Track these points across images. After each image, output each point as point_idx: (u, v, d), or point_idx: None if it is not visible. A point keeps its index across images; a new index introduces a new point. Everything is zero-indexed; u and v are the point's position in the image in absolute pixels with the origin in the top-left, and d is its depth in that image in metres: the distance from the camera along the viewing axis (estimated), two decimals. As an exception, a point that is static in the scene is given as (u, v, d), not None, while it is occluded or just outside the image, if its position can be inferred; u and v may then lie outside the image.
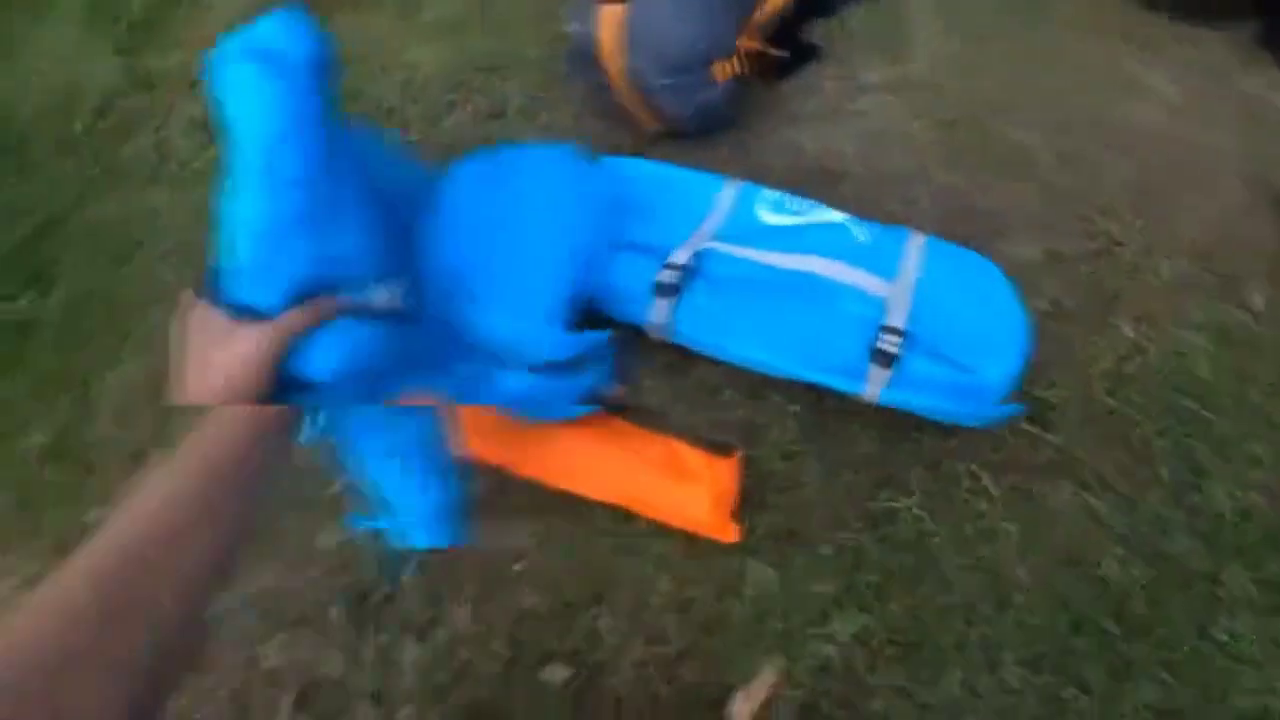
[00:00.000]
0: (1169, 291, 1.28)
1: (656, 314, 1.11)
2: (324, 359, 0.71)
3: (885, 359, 1.05)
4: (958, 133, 1.42)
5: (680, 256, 1.12)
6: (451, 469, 0.94)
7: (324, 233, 0.74)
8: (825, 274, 1.11)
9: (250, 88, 0.70)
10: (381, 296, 0.78)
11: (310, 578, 1.12)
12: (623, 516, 1.11)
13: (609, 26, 1.26)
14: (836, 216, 1.18)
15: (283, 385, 0.69)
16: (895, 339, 1.05)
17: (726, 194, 1.21)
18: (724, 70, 1.30)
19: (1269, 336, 1.25)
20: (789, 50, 1.42)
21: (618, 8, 1.25)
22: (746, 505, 1.10)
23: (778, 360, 1.09)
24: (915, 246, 1.15)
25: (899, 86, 1.48)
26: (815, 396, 1.16)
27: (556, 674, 1.05)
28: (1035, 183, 1.37)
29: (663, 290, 1.10)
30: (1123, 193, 1.36)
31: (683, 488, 1.07)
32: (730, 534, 1.08)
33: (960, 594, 1.09)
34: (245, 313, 0.69)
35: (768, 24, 1.39)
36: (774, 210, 1.19)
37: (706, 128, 1.38)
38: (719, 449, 1.13)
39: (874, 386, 1.07)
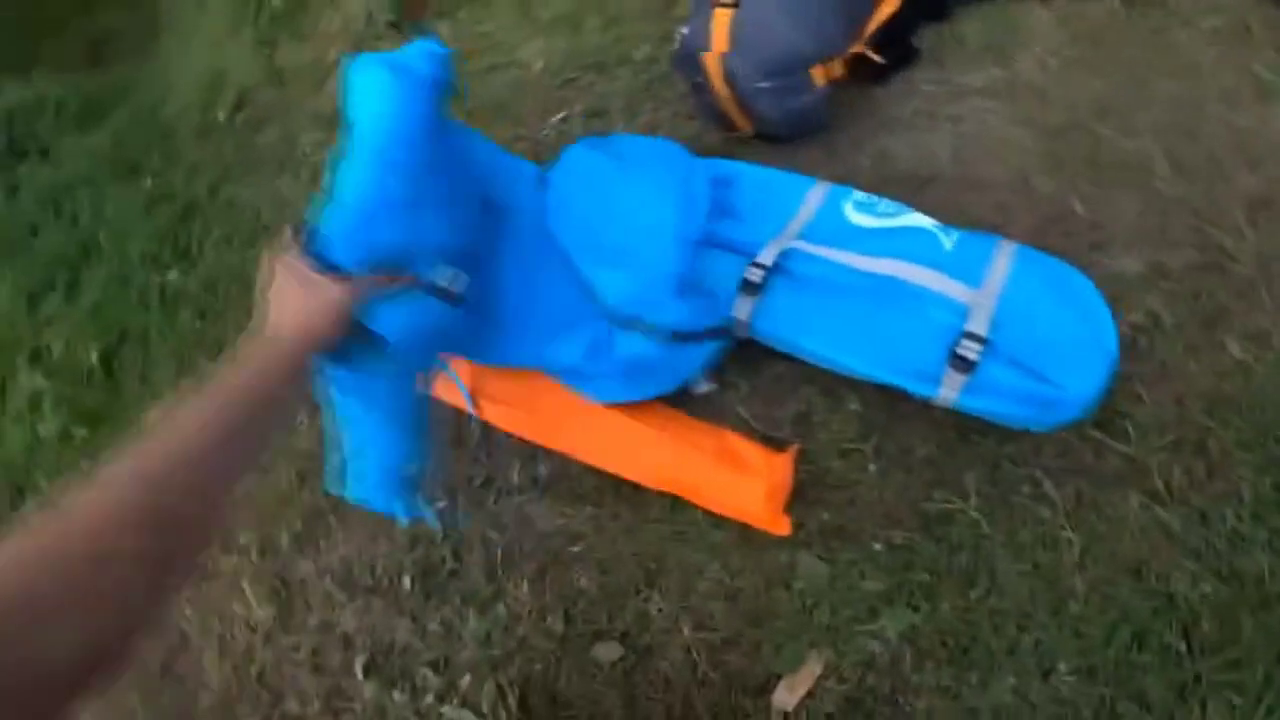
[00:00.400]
0: None
1: (740, 310, 1.15)
2: (392, 321, 0.84)
3: (964, 365, 1.05)
4: (1064, 140, 1.38)
5: (767, 256, 1.15)
6: (418, 445, 1.02)
7: (412, 218, 0.88)
8: (908, 278, 1.12)
9: (379, 89, 0.87)
10: (445, 277, 0.90)
11: (384, 550, 1.21)
12: (677, 505, 1.14)
13: (720, 26, 1.29)
14: (925, 221, 1.18)
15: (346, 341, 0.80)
16: (976, 345, 1.05)
17: (815, 194, 1.23)
18: (825, 74, 1.32)
19: None
20: (891, 54, 1.43)
21: (729, 9, 1.28)
22: (799, 499, 1.12)
23: (854, 360, 1.12)
24: (1004, 254, 1.14)
25: (1002, 92, 1.45)
26: (879, 395, 1.17)
27: (608, 652, 1.10)
28: (1145, 192, 1.31)
29: (748, 288, 1.14)
30: (1242, 206, 1.28)
31: (738, 479, 1.10)
32: (782, 527, 1.10)
33: (1014, 599, 1.07)
34: (329, 269, 0.81)
35: (878, 29, 1.40)
36: (862, 211, 1.21)
37: (799, 132, 1.41)
38: (776, 443, 1.16)
39: (950, 391, 1.07)
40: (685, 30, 1.35)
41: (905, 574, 1.09)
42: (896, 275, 1.12)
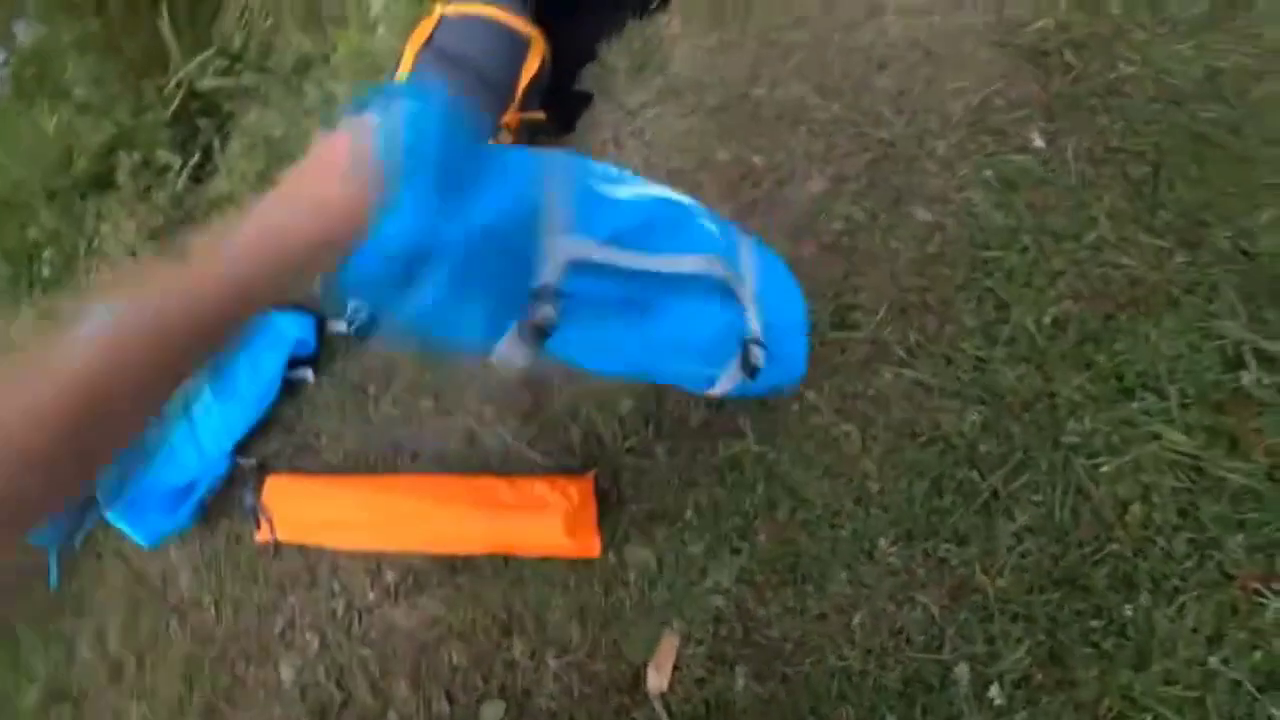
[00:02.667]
0: (950, 166, 1.35)
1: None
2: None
3: (750, 370, 1.06)
4: (727, 113, 1.54)
5: (549, 275, 0.98)
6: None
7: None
8: (695, 271, 1.08)
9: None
10: None
11: (279, 714, 1.28)
12: (508, 558, 1.23)
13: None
14: (670, 191, 1.14)
15: None
16: (759, 350, 1.07)
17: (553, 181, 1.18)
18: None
19: (1056, 164, 1.30)
20: (556, 107, 1.60)
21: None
22: (608, 505, 1.21)
23: (643, 371, 1.11)
24: (745, 246, 1.16)
25: (667, 95, 1.62)
26: (646, 389, 1.28)
27: (493, 712, 1.15)
28: (806, 124, 1.47)
29: (532, 331, 0.99)
30: (886, 102, 1.45)
31: (540, 520, 1.18)
32: (592, 550, 1.18)
33: (819, 504, 1.15)
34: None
35: (530, 95, 1.55)
36: (612, 183, 1.13)
37: None
38: (572, 471, 1.25)
39: (725, 385, 1.10)
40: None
41: (718, 525, 1.17)
42: (682, 271, 1.08)
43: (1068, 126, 1.31)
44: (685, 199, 1.12)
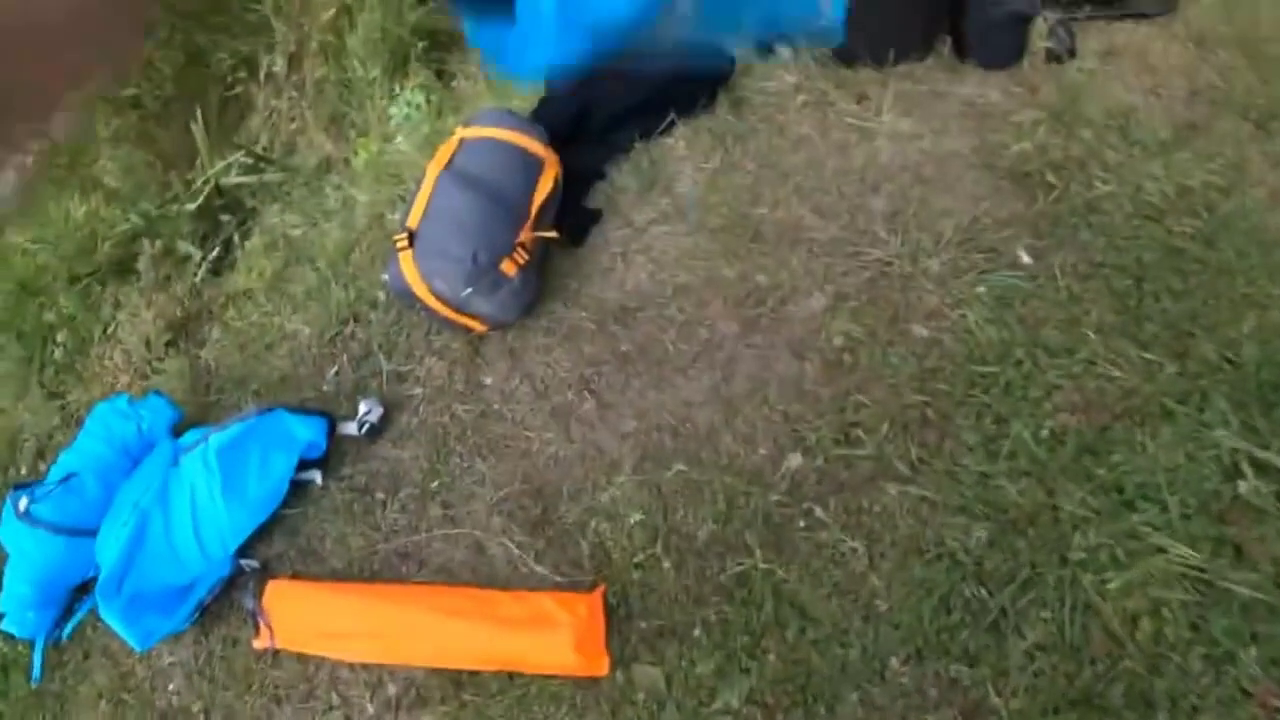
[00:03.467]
0: (944, 283, 1.40)
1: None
2: None
3: None
4: (730, 233, 1.60)
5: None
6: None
7: None
8: None
9: None
10: None
11: None
12: (515, 674, 1.21)
13: (407, 266, 1.52)
14: None
15: None
16: None
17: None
18: (512, 265, 1.53)
19: (1045, 280, 1.36)
20: (568, 223, 1.68)
21: (408, 251, 1.53)
22: (616, 621, 1.20)
23: None
24: None
25: (672, 214, 1.68)
26: (654, 500, 1.30)
27: (502, 843, 1.12)
28: (805, 244, 1.54)
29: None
30: (880, 221, 1.52)
31: (548, 638, 1.17)
32: (600, 668, 1.18)
33: (828, 622, 1.15)
34: None
35: (543, 212, 1.63)
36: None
37: (516, 312, 1.59)
38: (582, 586, 1.25)
39: None
40: (386, 276, 1.59)
41: (727, 644, 1.16)
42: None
43: (1053, 243, 1.38)
44: None
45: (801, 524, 1.23)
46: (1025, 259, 1.39)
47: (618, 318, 1.56)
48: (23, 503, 1.50)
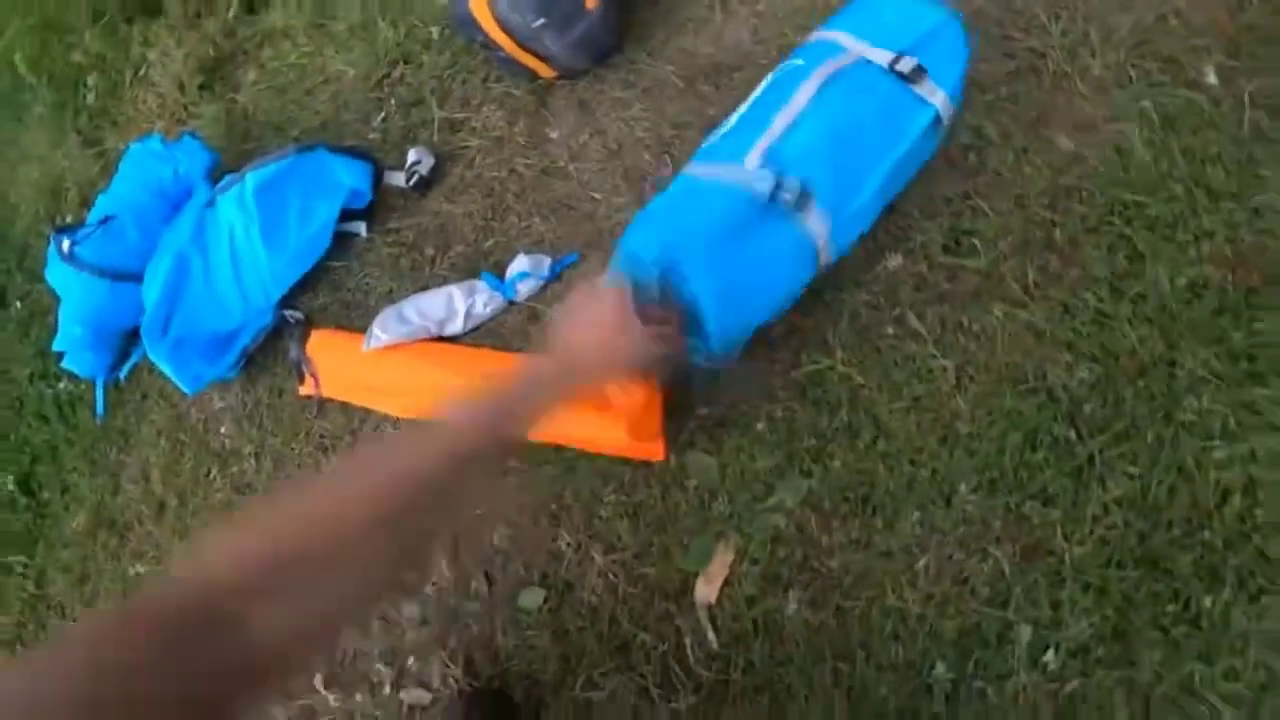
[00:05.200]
0: (1104, 90, 1.20)
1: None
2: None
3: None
4: None
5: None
6: None
7: None
8: None
9: None
10: None
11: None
12: (563, 446, 1.16)
13: None
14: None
15: None
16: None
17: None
18: None
19: (1228, 108, 1.15)
20: None
21: None
22: (675, 406, 1.13)
23: None
24: None
25: None
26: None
27: (532, 598, 1.12)
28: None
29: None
30: (1042, 4, 1.27)
31: (600, 417, 1.10)
32: (657, 452, 1.11)
33: (902, 437, 1.08)
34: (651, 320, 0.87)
35: None
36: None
37: (593, 58, 1.39)
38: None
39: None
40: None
41: (791, 444, 1.10)
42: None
43: (1251, 67, 1.15)
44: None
45: (890, 330, 1.12)
46: (1210, 79, 1.17)
47: (709, 76, 1.35)
48: (65, 244, 1.44)
